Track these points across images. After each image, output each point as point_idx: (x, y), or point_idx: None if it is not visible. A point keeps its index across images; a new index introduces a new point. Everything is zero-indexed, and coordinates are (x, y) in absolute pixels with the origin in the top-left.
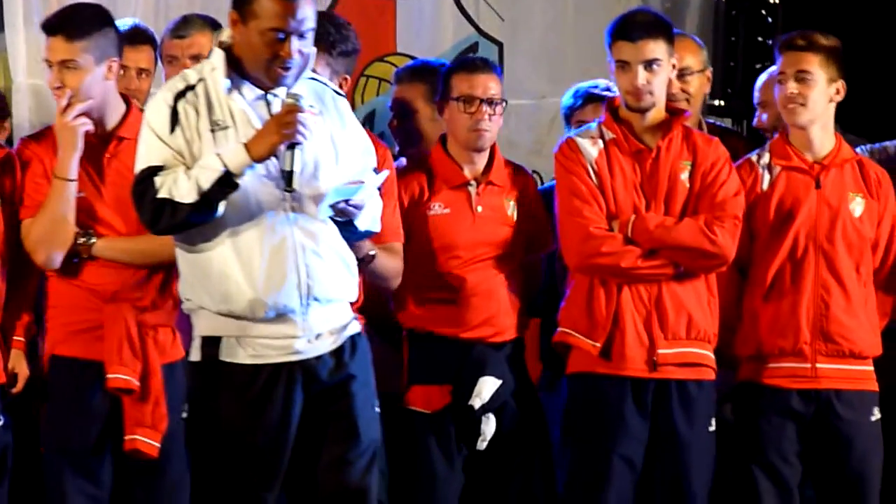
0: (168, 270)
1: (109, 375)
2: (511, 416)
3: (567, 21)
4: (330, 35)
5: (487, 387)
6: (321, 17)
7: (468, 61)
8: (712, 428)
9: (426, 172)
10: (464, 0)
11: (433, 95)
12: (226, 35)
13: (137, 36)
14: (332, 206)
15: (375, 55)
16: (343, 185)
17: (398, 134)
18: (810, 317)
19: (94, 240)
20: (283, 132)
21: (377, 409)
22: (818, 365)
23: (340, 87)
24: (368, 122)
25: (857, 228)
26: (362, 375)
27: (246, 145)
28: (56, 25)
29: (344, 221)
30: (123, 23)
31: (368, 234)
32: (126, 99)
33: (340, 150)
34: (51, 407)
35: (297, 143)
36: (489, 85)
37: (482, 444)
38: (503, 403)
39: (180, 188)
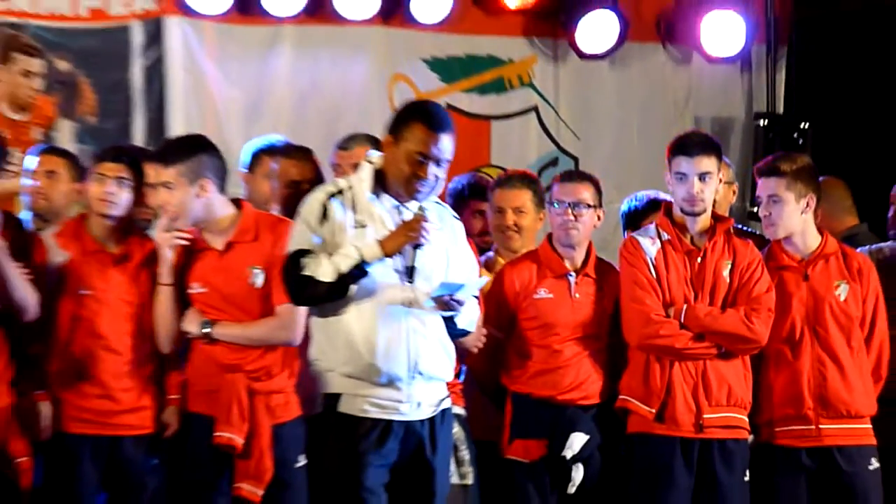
0: (281, 347)
1: (216, 433)
2: (596, 466)
3: (632, 140)
4: None
5: (577, 441)
6: None
7: (567, 172)
8: (747, 478)
9: (536, 262)
10: (547, 122)
11: (536, 198)
12: (374, 157)
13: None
14: (438, 299)
15: (474, 166)
16: (449, 281)
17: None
18: (811, 387)
19: (209, 329)
20: (409, 235)
21: (450, 478)
22: (821, 426)
23: None
24: None
25: (843, 310)
26: (444, 449)
27: (380, 242)
28: (154, 154)
29: (446, 318)
30: (277, 138)
31: (465, 333)
32: (240, 206)
33: (452, 260)
34: (182, 453)
35: (420, 245)
36: (577, 192)
37: (572, 489)
38: (590, 455)
39: (322, 269)
